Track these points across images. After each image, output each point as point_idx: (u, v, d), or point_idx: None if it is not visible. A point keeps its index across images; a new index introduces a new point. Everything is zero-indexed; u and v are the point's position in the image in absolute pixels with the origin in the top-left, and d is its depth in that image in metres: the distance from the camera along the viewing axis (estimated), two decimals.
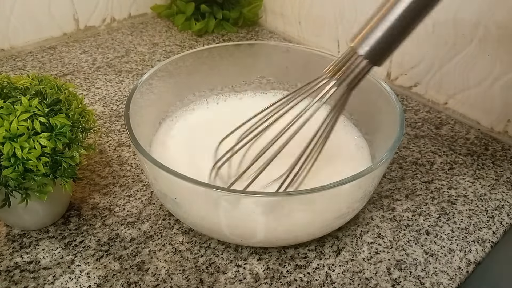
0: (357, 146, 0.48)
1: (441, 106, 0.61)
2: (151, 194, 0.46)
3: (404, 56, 0.62)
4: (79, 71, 0.68)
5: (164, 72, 0.47)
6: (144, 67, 0.70)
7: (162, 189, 0.38)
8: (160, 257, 0.39)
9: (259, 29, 0.84)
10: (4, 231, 0.42)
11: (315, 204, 0.35)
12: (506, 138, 0.55)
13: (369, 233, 0.42)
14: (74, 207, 0.44)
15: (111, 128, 0.56)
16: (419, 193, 0.47)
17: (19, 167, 0.33)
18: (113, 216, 0.43)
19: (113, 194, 0.46)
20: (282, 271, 0.39)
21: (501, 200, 0.47)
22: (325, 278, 0.38)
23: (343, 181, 0.33)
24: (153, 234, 0.42)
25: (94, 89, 0.64)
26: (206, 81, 0.53)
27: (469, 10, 0.52)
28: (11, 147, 0.33)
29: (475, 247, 0.41)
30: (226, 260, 0.39)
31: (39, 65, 0.69)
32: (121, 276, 0.38)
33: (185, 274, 0.38)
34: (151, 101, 0.46)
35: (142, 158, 0.36)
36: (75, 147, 0.36)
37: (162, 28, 0.84)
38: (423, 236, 0.42)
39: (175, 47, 0.76)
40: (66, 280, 0.37)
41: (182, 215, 0.39)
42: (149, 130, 0.46)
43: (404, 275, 0.39)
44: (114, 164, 0.50)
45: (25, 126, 0.33)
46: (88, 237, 0.41)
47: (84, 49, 0.75)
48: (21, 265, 0.38)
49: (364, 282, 0.38)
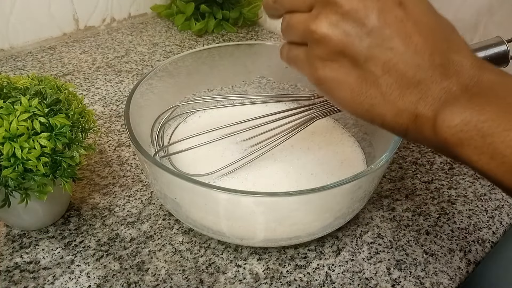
0: (356, 146, 0.48)
1: None
2: (151, 194, 0.46)
3: None
4: (79, 71, 0.68)
5: (164, 72, 0.47)
6: (144, 67, 0.70)
7: (162, 189, 0.38)
8: (160, 257, 0.39)
9: (259, 29, 0.84)
10: (4, 231, 0.42)
11: (315, 204, 0.35)
12: None
13: (369, 233, 0.42)
14: (74, 207, 0.44)
15: (111, 128, 0.56)
16: (419, 193, 0.47)
17: (19, 167, 0.33)
18: (113, 216, 0.43)
19: (113, 194, 0.46)
20: (282, 271, 0.39)
21: (501, 200, 0.47)
22: (325, 278, 0.38)
23: (343, 181, 0.33)
24: (153, 234, 0.42)
25: (94, 89, 0.64)
26: (206, 81, 0.53)
27: (469, 10, 0.52)
28: (11, 147, 0.33)
29: (475, 247, 0.41)
30: (226, 260, 0.39)
31: (39, 65, 0.69)
32: (121, 276, 0.38)
33: (185, 274, 0.38)
34: (151, 101, 0.46)
35: (142, 158, 0.36)
36: (75, 147, 0.36)
37: (162, 28, 0.84)
38: (423, 236, 0.42)
39: (175, 47, 0.76)
40: (66, 280, 0.37)
41: (182, 215, 0.39)
42: (149, 130, 0.46)
43: (404, 275, 0.39)
44: (114, 164, 0.50)
45: (25, 126, 0.33)
46: (88, 237, 0.41)
47: (84, 49, 0.75)
48: (21, 265, 0.38)
49: (364, 282, 0.38)
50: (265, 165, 0.43)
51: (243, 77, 0.55)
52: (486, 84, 0.22)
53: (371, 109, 0.24)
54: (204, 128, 0.40)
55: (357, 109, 0.24)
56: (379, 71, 0.23)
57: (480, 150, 0.20)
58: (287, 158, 0.45)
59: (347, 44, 0.23)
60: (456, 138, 0.21)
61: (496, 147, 0.20)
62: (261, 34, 0.83)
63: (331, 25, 0.23)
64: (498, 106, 0.20)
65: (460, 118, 0.21)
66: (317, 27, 0.23)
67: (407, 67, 0.22)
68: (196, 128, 0.49)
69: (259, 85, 0.55)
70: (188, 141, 0.40)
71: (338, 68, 0.24)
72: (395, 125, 0.24)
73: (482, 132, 0.20)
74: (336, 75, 0.24)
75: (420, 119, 0.22)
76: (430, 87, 0.22)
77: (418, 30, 0.22)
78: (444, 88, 0.22)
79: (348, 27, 0.23)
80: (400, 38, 0.22)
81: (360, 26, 0.22)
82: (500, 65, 0.42)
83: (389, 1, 0.22)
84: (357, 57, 0.23)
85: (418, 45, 0.22)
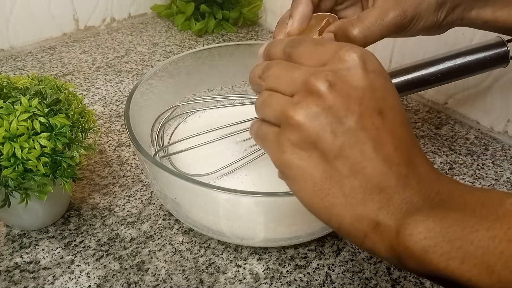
0: None
1: (441, 106, 0.61)
2: (151, 194, 0.46)
3: (404, 56, 0.62)
4: (79, 71, 0.68)
5: (164, 72, 0.47)
6: (144, 67, 0.70)
7: (162, 189, 0.38)
8: (160, 257, 0.39)
9: (259, 29, 0.84)
10: (4, 231, 0.42)
11: None
12: (506, 138, 0.55)
13: None
14: (74, 207, 0.44)
15: (111, 128, 0.56)
16: None
17: (19, 167, 0.33)
18: (113, 216, 0.43)
19: (113, 194, 0.46)
20: (282, 271, 0.39)
21: None
22: (325, 278, 0.38)
23: None
24: (153, 234, 0.42)
25: (94, 89, 0.64)
26: (206, 81, 0.53)
27: None
28: (11, 147, 0.33)
29: None
30: (226, 260, 0.39)
31: (39, 65, 0.69)
32: (121, 276, 0.38)
33: (185, 274, 0.38)
34: (151, 101, 0.46)
35: (142, 158, 0.36)
36: (75, 147, 0.36)
37: (162, 28, 0.84)
38: None
39: (175, 47, 0.76)
40: (66, 280, 0.37)
41: (182, 215, 0.39)
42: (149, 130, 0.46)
43: (404, 275, 0.39)
44: (114, 164, 0.50)
45: (25, 126, 0.33)
46: (88, 237, 0.41)
47: (84, 49, 0.75)
48: (21, 265, 0.38)
49: (364, 282, 0.38)
50: (265, 165, 0.43)
51: (243, 77, 0.55)
52: (446, 194, 0.22)
53: (331, 208, 0.23)
54: (204, 128, 0.40)
55: (316, 204, 0.24)
56: (346, 171, 0.23)
57: (447, 255, 0.19)
58: None
59: (322, 137, 0.23)
60: (420, 246, 0.20)
61: (466, 250, 0.19)
62: (261, 34, 0.83)
63: (310, 116, 0.23)
64: (460, 212, 0.20)
65: (423, 226, 0.20)
66: (295, 113, 0.23)
67: (374, 172, 0.22)
68: (196, 128, 0.49)
69: None
70: (188, 141, 0.40)
71: (306, 158, 0.23)
72: (353, 230, 0.23)
73: (448, 236, 0.19)
74: (302, 164, 0.24)
75: (380, 228, 0.22)
76: (392, 196, 0.22)
77: (390, 141, 0.23)
78: (406, 199, 0.22)
79: (326, 121, 0.23)
80: (373, 144, 0.22)
81: (338, 123, 0.23)
82: (500, 65, 0.42)
83: (371, 108, 0.23)
84: (328, 152, 0.23)
85: (388, 154, 0.22)
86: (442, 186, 0.23)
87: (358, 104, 0.23)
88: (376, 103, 0.23)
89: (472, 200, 0.21)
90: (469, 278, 0.19)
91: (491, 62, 0.42)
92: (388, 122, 0.23)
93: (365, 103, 0.23)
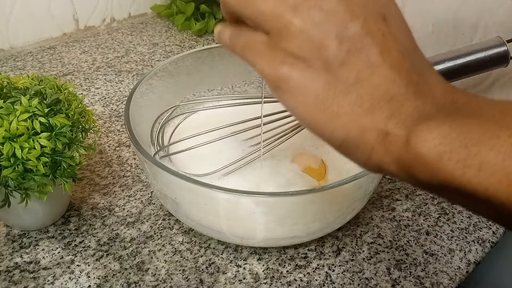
0: None
1: None
2: (151, 194, 0.46)
3: None
4: (79, 71, 0.68)
5: (164, 72, 0.47)
6: (144, 67, 0.70)
7: (162, 189, 0.38)
8: (160, 257, 0.39)
9: None
10: (4, 231, 0.42)
11: (315, 204, 0.35)
12: None
13: (369, 233, 0.42)
14: (74, 207, 0.44)
15: (111, 128, 0.56)
16: (419, 193, 0.47)
17: (19, 167, 0.33)
18: (113, 216, 0.43)
19: (113, 194, 0.46)
20: (282, 271, 0.39)
21: None
22: (325, 278, 0.38)
23: (343, 181, 0.33)
24: (153, 234, 0.42)
25: (94, 89, 0.64)
26: (206, 81, 0.53)
27: (469, 10, 0.52)
28: (11, 147, 0.33)
29: (475, 247, 0.41)
30: (226, 260, 0.39)
31: (39, 65, 0.69)
32: (121, 276, 0.38)
33: (185, 274, 0.38)
34: (151, 101, 0.46)
35: (142, 158, 0.36)
36: (75, 147, 0.36)
37: (162, 28, 0.84)
38: (423, 236, 0.42)
39: (175, 47, 0.76)
40: (66, 280, 0.37)
41: (182, 215, 0.39)
42: (149, 130, 0.46)
43: (404, 275, 0.39)
44: (114, 164, 0.50)
45: (25, 126, 0.33)
46: (88, 237, 0.41)
47: (84, 49, 0.75)
48: (21, 265, 0.38)
49: (364, 282, 0.38)
50: (265, 165, 0.43)
51: (243, 77, 0.55)
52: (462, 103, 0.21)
53: (334, 119, 0.21)
54: (204, 128, 0.40)
55: (318, 117, 0.21)
56: (352, 78, 0.21)
57: (464, 162, 0.18)
58: (287, 158, 0.45)
59: (326, 44, 0.21)
60: (433, 153, 0.18)
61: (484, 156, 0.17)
62: None
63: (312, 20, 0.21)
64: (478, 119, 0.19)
65: (437, 131, 0.19)
66: (294, 18, 0.21)
67: (381, 80, 0.21)
68: (196, 128, 0.49)
69: (259, 85, 0.55)
70: (188, 141, 0.40)
71: (306, 69, 0.21)
72: (360, 143, 0.21)
73: (465, 142, 0.18)
74: (302, 77, 0.21)
75: (389, 138, 0.20)
76: (403, 104, 0.20)
77: (397, 47, 0.21)
78: (417, 107, 0.20)
79: (331, 27, 0.21)
80: (379, 50, 0.21)
81: (343, 28, 0.21)
82: (500, 65, 0.42)
83: (375, 12, 0.21)
84: (333, 60, 0.21)
85: (396, 60, 0.21)
86: (456, 95, 0.21)
87: (363, 7, 0.21)
88: (380, 9, 0.21)
89: (491, 109, 0.19)
90: (486, 187, 0.17)
91: (491, 62, 0.42)
92: (393, 30, 0.21)
93: (370, 7, 0.21)
